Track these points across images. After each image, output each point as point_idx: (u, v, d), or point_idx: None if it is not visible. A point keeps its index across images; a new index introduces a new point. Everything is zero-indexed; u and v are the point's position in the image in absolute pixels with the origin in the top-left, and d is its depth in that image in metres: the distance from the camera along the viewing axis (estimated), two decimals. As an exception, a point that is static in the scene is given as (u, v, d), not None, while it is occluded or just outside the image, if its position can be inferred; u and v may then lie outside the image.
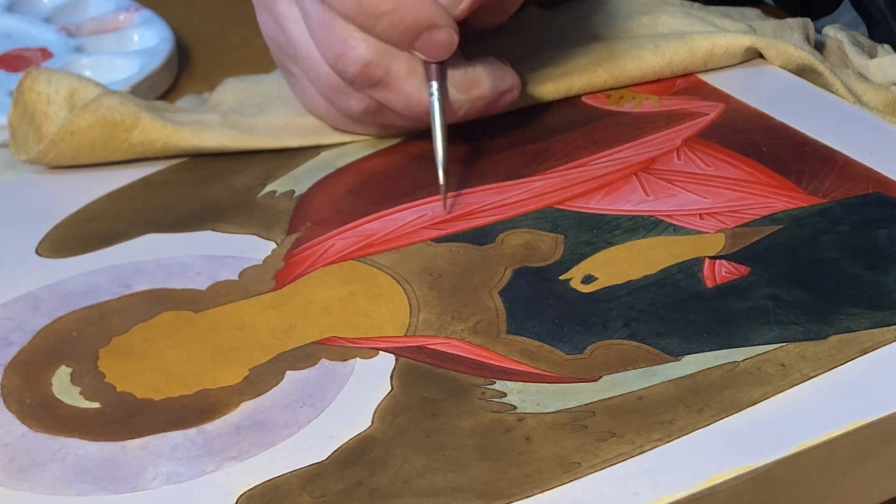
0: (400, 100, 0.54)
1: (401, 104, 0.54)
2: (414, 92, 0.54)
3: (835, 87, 0.61)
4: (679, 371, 0.44)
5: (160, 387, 0.45)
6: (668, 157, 0.56)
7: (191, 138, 0.58)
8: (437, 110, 0.54)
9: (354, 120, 0.57)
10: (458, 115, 0.55)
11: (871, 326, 0.46)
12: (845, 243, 0.50)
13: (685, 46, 0.62)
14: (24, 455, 0.42)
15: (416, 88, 0.54)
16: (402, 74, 0.53)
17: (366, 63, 0.53)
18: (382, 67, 0.53)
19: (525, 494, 0.40)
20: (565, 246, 0.51)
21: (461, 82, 0.55)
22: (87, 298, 0.49)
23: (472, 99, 0.55)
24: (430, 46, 0.53)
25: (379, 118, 0.56)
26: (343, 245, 0.52)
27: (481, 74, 0.55)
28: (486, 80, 0.55)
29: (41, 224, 0.54)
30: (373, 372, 0.45)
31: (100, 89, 0.58)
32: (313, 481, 0.41)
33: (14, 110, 0.58)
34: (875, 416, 0.42)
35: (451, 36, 0.53)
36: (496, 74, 0.56)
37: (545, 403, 0.43)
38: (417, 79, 0.54)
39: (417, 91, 0.54)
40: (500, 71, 0.56)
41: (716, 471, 0.40)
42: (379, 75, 0.53)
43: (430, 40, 0.53)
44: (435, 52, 0.53)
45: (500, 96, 0.56)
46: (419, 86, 0.54)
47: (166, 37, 0.69)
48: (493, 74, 0.55)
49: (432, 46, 0.53)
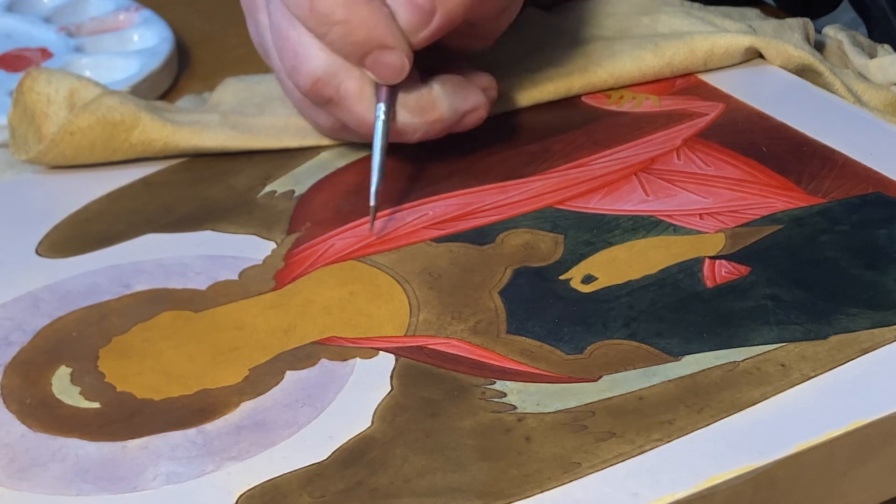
0: (352, 119, 0.53)
1: (353, 123, 0.53)
2: (364, 112, 0.53)
3: (835, 87, 0.61)
4: (679, 371, 0.44)
5: (160, 387, 0.45)
6: (668, 157, 0.56)
7: (191, 138, 0.58)
8: (379, 133, 0.52)
9: (328, 134, 0.57)
10: (413, 138, 0.54)
11: (871, 326, 0.46)
12: (845, 243, 0.50)
13: (685, 46, 0.62)
14: (24, 455, 0.42)
15: (365, 109, 0.52)
16: (352, 94, 0.52)
17: (315, 79, 0.52)
18: (332, 86, 0.52)
19: (525, 494, 0.40)
20: (565, 246, 0.51)
21: (415, 105, 0.53)
22: (87, 298, 0.49)
23: (428, 122, 0.54)
24: (379, 67, 0.52)
25: (346, 135, 0.56)
26: (343, 245, 0.52)
27: (439, 97, 0.54)
28: (444, 102, 0.54)
29: (41, 224, 0.54)
30: (373, 372, 0.45)
31: (100, 89, 0.58)
32: (313, 481, 0.41)
33: (14, 110, 0.58)
34: (875, 416, 0.42)
35: (402, 60, 0.51)
36: (457, 95, 0.54)
37: (545, 403, 0.43)
38: (367, 99, 0.52)
39: (367, 112, 0.53)
40: (461, 91, 0.54)
41: (716, 471, 0.40)
42: (329, 93, 0.52)
43: (380, 61, 0.51)
44: (384, 73, 0.52)
45: (461, 117, 0.54)
46: (369, 107, 0.52)
47: (166, 37, 0.69)
48: (453, 95, 0.54)
49: (381, 67, 0.52)
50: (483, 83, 0.56)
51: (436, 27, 0.52)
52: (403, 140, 0.54)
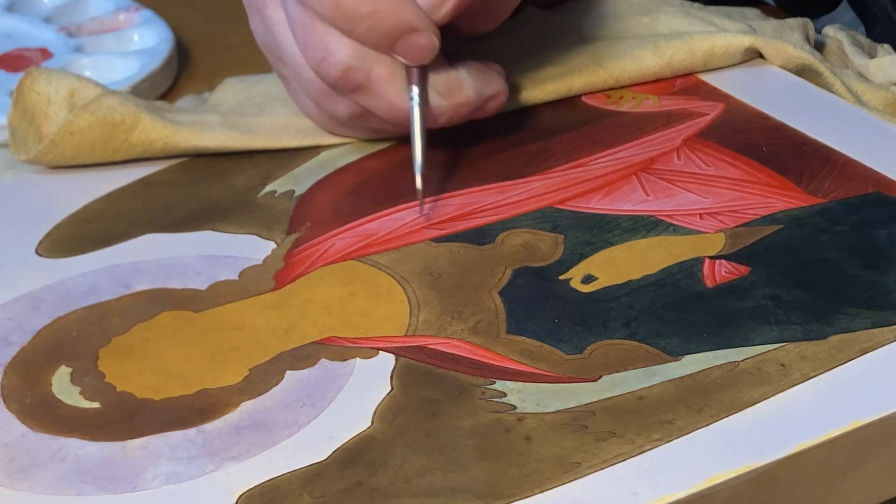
0: (382, 105, 0.54)
1: (383, 109, 0.54)
2: (395, 97, 0.53)
3: (835, 87, 0.61)
4: (679, 371, 0.44)
5: (160, 387, 0.45)
6: (668, 157, 0.56)
7: (191, 138, 0.58)
8: (417, 115, 0.53)
9: (344, 124, 0.57)
10: (440, 121, 0.54)
11: (871, 326, 0.46)
12: (845, 243, 0.50)
13: (685, 46, 0.62)
14: (24, 455, 0.42)
15: (397, 93, 0.53)
16: (383, 79, 0.53)
17: (346, 68, 0.52)
18: (363, 72, 0.52)
19: (525, 494, 0.40)
20: (565, 246, 0.51)
21: (444, 87, 0.54)
22: (87, 298, 0.50)
23: (456, 105, 0.54)
24: (411, 50, 0.52)
25: (366, 123, 0.56)
26: (343, 245, 0.52)
27: (465, 79, 0.54)
28: (470, 85, 0.54)
29: (41, 224, 0.54)
30: (373, 372, 0.45)
31: (100, 89, 0.58)
32: (313, 481, 0.41)
33: (14, 110, 0.58)
34: (875, 416, 0.42)
35: (432, 39, 0.52)
36: (481, 79, 0.55)
37: (545, 403, 0.43)
38: (399, 83, 0.53)
39: (399, 96, 0.53)
40: (485, 76, 0.55)
41: (716, 471, 0.40)
42: (360, 80, 0.53)
43: (410, 44, 0.52)
44: (415, 55, 0.52)
45: (485, 102, 0.55)
46: (401, 91, 0.53)
47: (166, 37, 0.69)
48: (477, 79, 0.55)
49: (412, 50, 0.52)
50: (500, 71, 0.56)
51: (455, 1, 0.52)
52: (430, 124, 0.54)
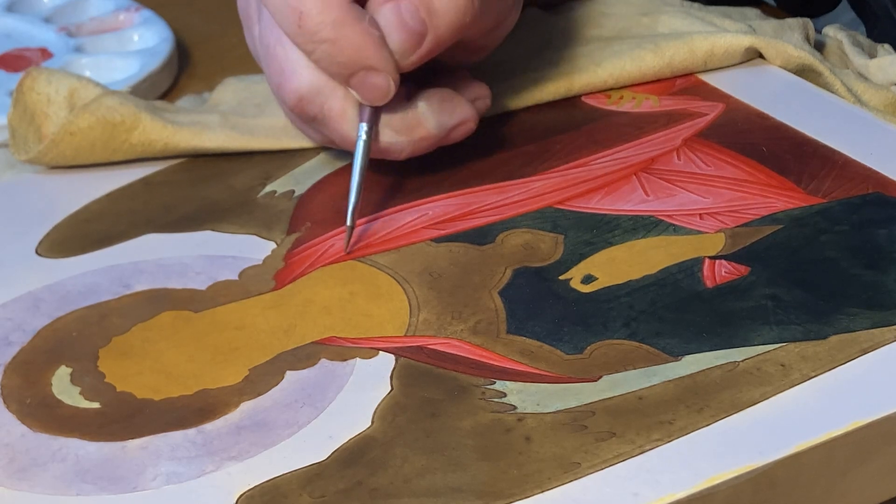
0: (335, 137, 0.53)
1: (337, 141, 0.53)
2: (348, 133, 0.52)
3: (835, 87, 0.61)
4: (679, 371, 0.44)
5: (160, 387, 0.45)
6: (668, 157, 0.56)
7: (191, 139, 0.58)
8: (360, 153, 0.52)
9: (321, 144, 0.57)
10: (400, 156, 0.54)
11: (871, 326, 0.46)
12: (845, 243, 0.50)
13: (685, 46, 0.62)
14: (24, 455, 0.42)
15: (350, 129, 0.52)
16: (335, 114, 0.52)
17: (299, 98, 0.52)
18: (317, 104, 0.52)
19: (525, 494, 0.40)
20: (565, 246, 0.51)
21: (400, 125, 0.53)
22: (87, 298, 0.50)
23: (414, 140, 0.53)
24: (365, 88, 0.51)
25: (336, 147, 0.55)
26: (343, 245, 0.52)
27: (424, 114, 0.53)
28: (431, 119, 0.53)
29: (41, 224, 0.54)
30: (373, 372, 0.45)
31: (100, 89, 0.58)
32: (313, 481, 0.41)
33: (14, 110, 0.58)
34: (875, 416, 0.42)
35: (388, 83, 0.51)
36: (443, 111, 0.53)
37: (545, 403, 0.43)
38: (351, 120, 0.52)
39: (350, 131, 0.52)
40: (448, 106, 0.53)
41: (716, 471, 0.40)
42: (313, 112, 0.52)
43: (366, 81, 0.51)
44: (368, 95, 0.51)
45: (448, 132, 0.54)
46: (352, 126, 0.52)
47: (166, 37, 0.69)
48: (439, 111, 0.53)
49: (367, 89, 0.51)
50: (475, 93, 0.55)
51: (426, 50, 0.51)
52: (390, 158, 0.54)
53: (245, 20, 0.56)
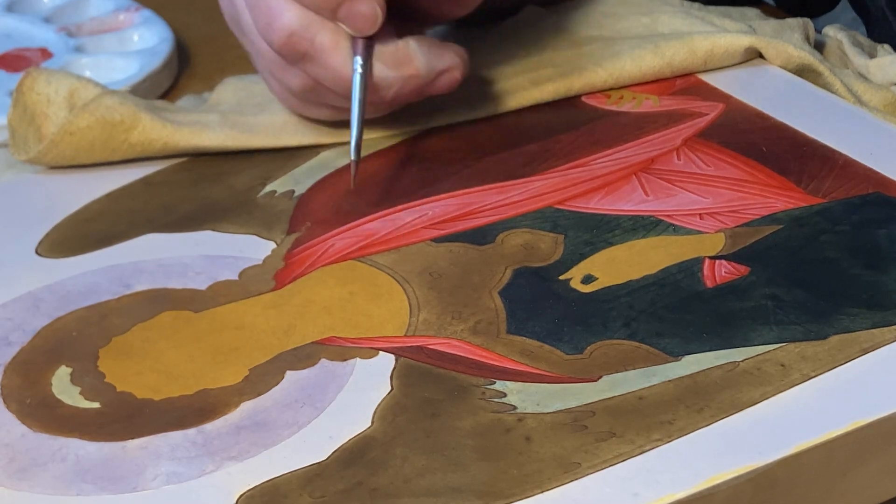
0: (328, 74, 0.53)
1: (329, 79, 0.53)
2: (340, 66, 0.52)
3: (835, 87, 0.61)
4: (679, 371, 0.44)
5: (160, 387, 0.45)
6: (668, 157, 0.56)
7: (191, 138, 0.57)
8: (358, 86, 0.52)
9: (302, 100, 0.56)
10: (388, 94, 0.54)
11: (871, 326, 0.46)
12: (845, 243, 0.50)
13: (685, 46, 0.62)
14: (24, 455, 0.42)
15: (341, 62, 0.52)
16: (327, 47, 0.52)
17: (290, 33, 0.52)
18: (307, 39, 0.52)
19: (525, 494, 0.40)
20: (565, 246, 0.51)
21: (391, 59, 0.53)
22: (87, 298, 0.49)
23: (404, 76, 0.53)
24: (353, 18, 0.51)
25: (319, 97, 0.55)
26: (343, 245, 0.52)
27: (415, 51, 0.53)
28: (420, 57, 0.53)
29: (41, 224, 0.54)
30: (373, 372, 0.45)
31: (100, 89, 0.58)
32: (313, 481, 0.41)
33: (14, 110, 0.58)
34: (875, 416, 0.42)
35: (374, 9, 0.51)
36: (433, 53, 0.54)
37: (545, 403, 0.43)
38: (343, 52, 0.52)
39: (343, 65, 0.52)
40: (437, 49, 0.54)
41: (716, 471, 0.40)
42: (304, 48, 0.52)
43: (353, 11, 0.51)
44: (358, 24, 0.52)
45: (436, 76, 0.54)
46: (345, 60, 0.52)
47: (166, 37, 0.69)
48: (429, 52, 0.53)
49: (355, 18, 0.51)
50: (457, 50, 0.55)
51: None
52: (378, 96, 0.54)
53: None
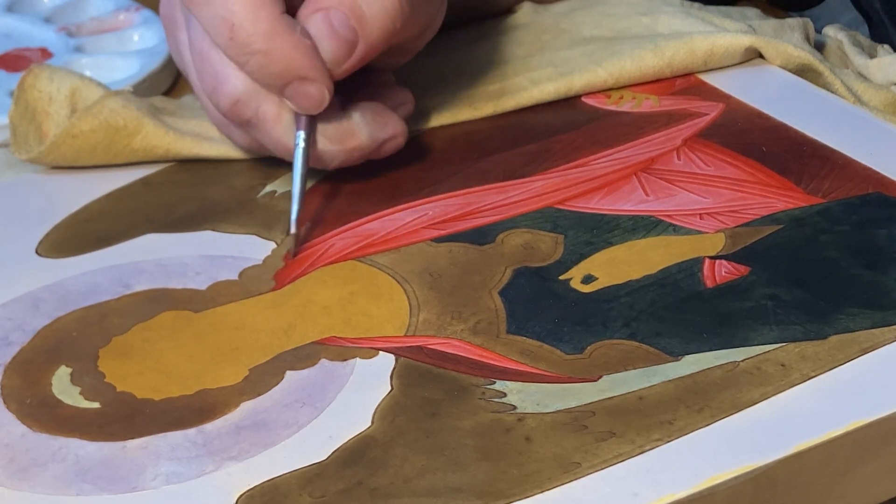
0: (270, 142, 0.53)
1: (271, 146, 0.53)
2: (282, 136, 0.52)
3: (835, 87, 0.61)
4: (679, 371, 0.44)
5: (160, 387, 0.45)
6: (668, 157, 0.56)
7: (192, 147, 0.58)
8: (299, 161, 0.52)
9: (246, 152, 0.57)
10: (331, 165, 0.54)
11: (871, 326, 0.46)
12: (845, 243, 0.50)
13: (685, 46, 0.62)
14: (24, 455, 0.42)
15: (283, 133, 0.52)
16: (270, 118, 0.52)
17: (235, 101, 0.52)
18: (251, 108, 0.52)
19: (525, 494, 0.40)
20: (565, 246, 0.51)
21: (334, 134, 0.53)
22: (87, 298, 0.50)
23: (347, 150, 0.53)
24: (299, 98, 0.51)
25: (265, 152, 0.55)
26: (343, 245, 0.52)
27: (358, 125, 0.53)
28: (364, 130, 0.53)
29: (41, 224, 0.54)
30: (373, 372, 0.45)
31: (102, 89, 0.58)
32: (313, 481, 0.41)
33: (15, 108, 0.58)
34: (875, 416, 0.42)
35: (322, 92, 0.51)
36: (376, 123, 0.54)
37: (545, 403, 0.43)
38: (285, 124, 0.52)
39: (285, 136, 0.52)
40: (380, 119, 0.54)
41: (716, 471, 0.40)
42: (247, 115, 0.52)
43: (300, 91, 0.51)
44: (303, 104, 0.51)
45: (380, 145, 0.54)
46: (287, 130, 0.52)
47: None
48: (371, 123, 0.54)
49: (301, 98, 0.51)
50: (399, 99, 0.55)
51: (358, 58, 0.51)
52: (321, 167, 0.54)
53: (168, 25, 0.56)
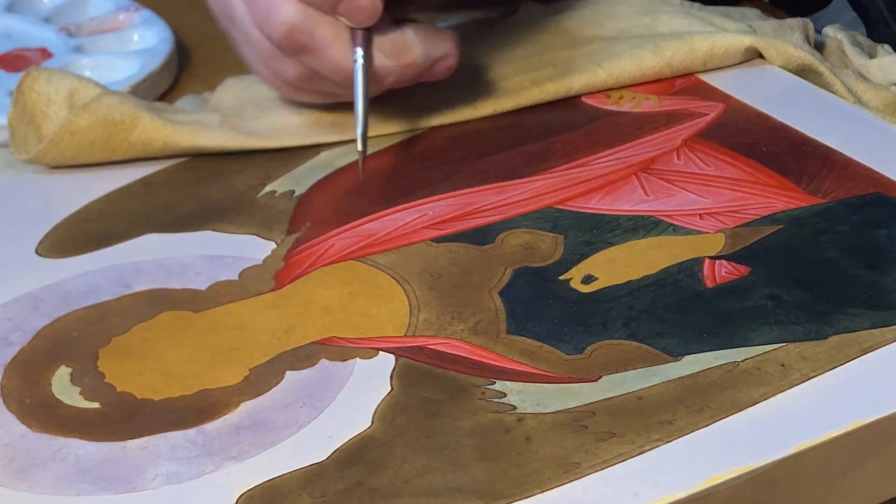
0: (327, 66, 0.53)
1: (328, 70, 0.54)
2: (339, 57, 0.53)
3: (835, 87, 0.61)
4: (679, 371, 0.44)
5: (160, 387, 0.45)
6: (668, 157, 0.56)
7: (190, 138, 0.57)
8: (360, 78, 0.53)
9: (295, 87, 0.57)
10: (386, 82, 0.55)
11: (871, 326, 0.46)
12: (845, 243, 0.50)
13: (685, 46, 0.62)
14: (24, 455, 0.42)
15: (341, 54, 0.53)
16: (327, 40, 0.53)
17: (289, 27, 0.52)
18: (306, 33, 0.52)
19: (525, 494, 0.40)
20: (565, 246, 0.51)
21: (390, 48, 0.54)
22: (87, 298, 0.49)
23: (402, 65, 0.54)
24: (353, 11, 0.52)
25: (315, 85, 0.56)
26: (343, 245, 0.52)
27: (412, 41, 0.54)
28: (418, 46, 0.54)
29: (41, 224, 0.54)
30: (373, 372, 0.45)
31: (100, 89, 0.58)
32: (313, 481, 0.41)
33: (14, 110, 0.58)
34: (875, 416, 0.42)
35: (374, 2, 0.52)
36: (430, 41, 0.54)
37: (545, 403, 0.43)
38: (343, 44, 0.53)
39: (343, 57, 0.53)
40: (433, 37, 0.55)
41: (716, 471, 0.40)
42: (303, 41, 0.53)
43: (352, 5, 0.52)
44: (358, 16, 0.52)
45: (433, 63, 0.55)
46: (345, 51, 0.53)
47: (166, 37, 0.69)
48: (425, 41, 0.54)
49: (355, 11, 0.52)
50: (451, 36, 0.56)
51: None
52: (377, 84, 0.54)
53: None
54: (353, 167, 0.57)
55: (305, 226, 0.53)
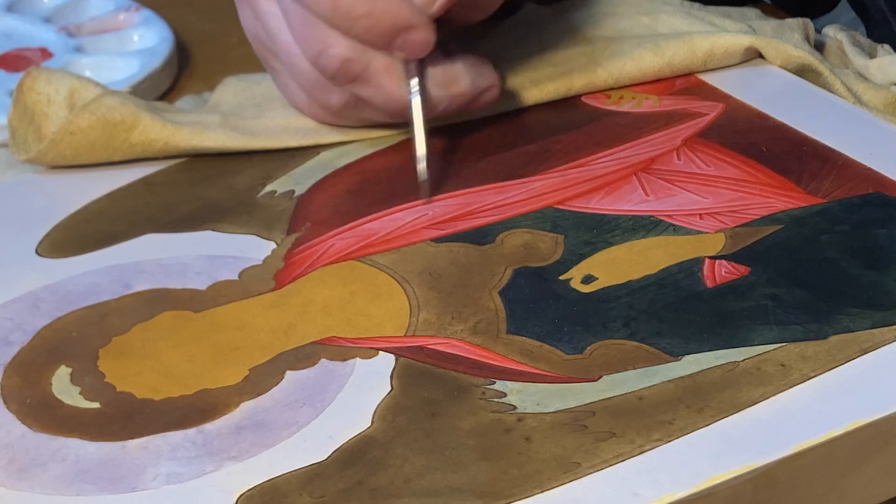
0: (379, 95, 0.55)
1: (380, 100, 0.55)
2: (393, 88, 0.54)
3: (835, 87, 0.61)
4: (679, 371, 0.44)
5: (160, 387, 0.45)
6: (668, 157, 0.57)
7: (191, 138, 0.58)
8: (418, 107, 0.54)
9: (335, 114, 0.58)
10: (436, 111, 0.56)
11: (871, 326, 0.46)
12: (845, 243, 0.50)
13: (685, 46, 0.62)
14: (24, 455, 0.42)
15: (394, 84, 0.54)
16: (381, 70, 0.54)
17: (345, 60, 0.53)
18: (361, 64, 0.53)
19: (525, 494, 0.40)
20: (565, 246, 0.51)
21: (441, 79, 0.55)
22: (87, 298, 0.49)
23: (452, 95, 0.56)
24: (408, 46, 0.53)
25: (358, 112, 0.57)
26: (343, 245, 0.52)
27: (461, 71, 0.55)
28: (466, 76, 0.56)
29: (41, 224, 0.54)
30: (373, 372, 0.45)
31: (100, 89, 0.58)
32: (313, 481, 0.41)
33: (14, 110, 0.58)
34: (875, 416, 0.42)
35: (428, 35, 0.53)
36: (476, 71, 0.56)
37: (545, 403, 0.43)
38: (395, 74, 0.54)
39: (396, 87, 0.54)
40: (479, 68, 0.56)
41: (716, 471, 0.40)
42: (358, 71, 0.54)
43: (408, 41, 0.53)
44: (413, 51, 0.54)
45: (480, 94, 0.56)
46: (398, 81, 0.54)
47: (166, 37, 0.69)
48: (472, 71, 0.56)
49: (410, 46, 0.53)
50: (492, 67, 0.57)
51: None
52: (429, 113, 0.55)
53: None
54: (354, 167, 0.57)
55: (305, 226, 0.53)
